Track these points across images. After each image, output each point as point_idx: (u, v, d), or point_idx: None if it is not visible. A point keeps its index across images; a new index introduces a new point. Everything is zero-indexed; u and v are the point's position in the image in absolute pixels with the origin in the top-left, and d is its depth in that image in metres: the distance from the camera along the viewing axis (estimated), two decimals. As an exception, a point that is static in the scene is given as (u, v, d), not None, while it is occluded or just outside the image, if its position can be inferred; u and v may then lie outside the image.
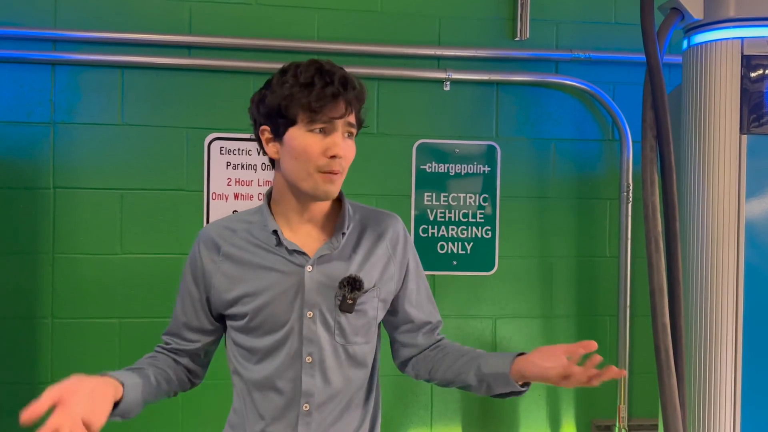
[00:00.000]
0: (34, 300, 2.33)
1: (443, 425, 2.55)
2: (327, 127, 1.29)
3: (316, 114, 1.27)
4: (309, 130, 1.29)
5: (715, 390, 1.80)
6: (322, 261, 1.36)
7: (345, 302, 1.34)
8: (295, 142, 1.30)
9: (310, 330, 1.34)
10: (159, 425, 2.38)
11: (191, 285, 1.43)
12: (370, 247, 1.41)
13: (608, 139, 2.61)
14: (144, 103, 2.38)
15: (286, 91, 1.29)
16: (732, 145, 1.80)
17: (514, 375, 1.36)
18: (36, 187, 2.33)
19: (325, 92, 1.27)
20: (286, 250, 1.35)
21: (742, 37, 1.80)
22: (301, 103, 1.27)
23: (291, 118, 1.29)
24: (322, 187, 1.31)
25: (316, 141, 1.29)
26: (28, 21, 2.32)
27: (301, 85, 1.28)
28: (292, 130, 1.30)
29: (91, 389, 1.17)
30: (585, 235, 2.60)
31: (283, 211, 1.38)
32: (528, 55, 2.56)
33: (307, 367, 1.34)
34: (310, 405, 1.35)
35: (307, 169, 1.30)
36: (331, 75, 1.29)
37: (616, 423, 2.56)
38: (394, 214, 1.47)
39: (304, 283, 1.34)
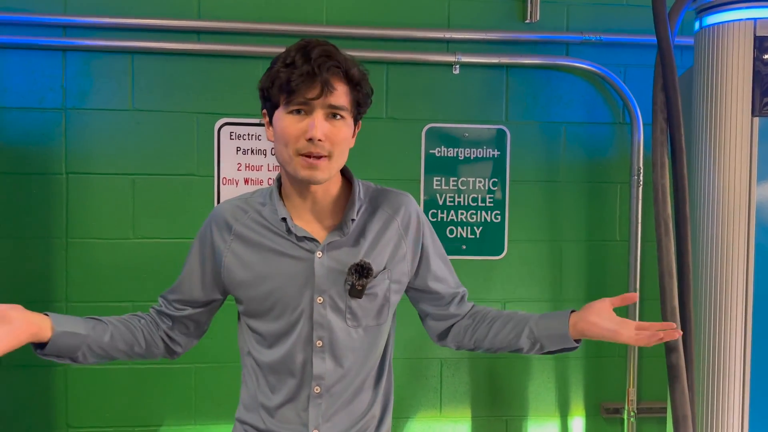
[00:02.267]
0: (48, 284, 2.36)
1: (452, 408, 2.57)
2: (305, 108, 1.26)
3: (291, 95, 1.24)
4: (288, 111, 1.27)
5: (724, 372, 1.80)
6: (331, 247, 1.35)
7: (354, 288, 1.34)
8: (278, 124, 1.29)
9: (320, 315, 1.35)
10: (172, 406, 2.42)
11: (195, 260, 1.42)
12: (380, 229, 1.39)
13: (619, 122, 2.59)
14: (154, 88, 2.39)
15: (273, 74, 1.27)
16: (744, 127, 1.79)
17: (573, 334, 1.40)
18: (48, 172, 2.35)
19: (299, 71, 1.23)
20: (295, 236, 1.35)
21: (754, 18, 1.78)
22: (280, 85, 1.25)
23: (274, 100, 1.28)
24: (302, 172, 1.28)
25: (293, 123, 1.26)
26: (39, 7, 2.32)
27: (283, 65, 1.26)
28: (276, 113, 1.29)
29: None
30: (595, 219, 2.59)
31: (290, 196, 1.37)
32: (538, 37, 2.54)
33: (317, 350, 1.35)
34: (320, 387, 1.36)
35: (288, 153, 1.28)
36: (309, 54, 1.24)
37: (625, 406, 2.57)
38: (407, 194, 1.45)
39: (314, 270, 1.34)
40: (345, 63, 1.28)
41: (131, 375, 2.40)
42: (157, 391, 2.41)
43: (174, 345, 1.48)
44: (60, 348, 1.31)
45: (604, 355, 2.61)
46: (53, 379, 2.37)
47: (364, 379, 1.41)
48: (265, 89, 1.30)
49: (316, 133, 1.24)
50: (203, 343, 2.42)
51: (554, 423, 2.61)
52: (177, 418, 2.43)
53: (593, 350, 2.61)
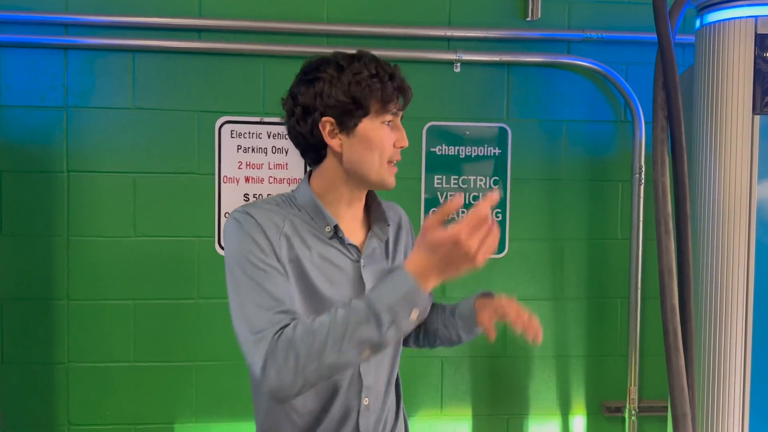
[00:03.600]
0: (50, 282, 2.37)
1: (453, 406, 2.57)
2: (394, 119, 1.33)
3: (386, 104, 1.30)
4: (383, 121, 1.31)
5: (724, 371, 1.79)
6: (370, 255, 1.37)
7: None
8: (371, 133, 1.30)
9: None
10: (173, 404, 2.43)
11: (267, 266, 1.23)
12: (396, 237, 1.46)
13: (621, 121, 2.59)
14: (155, 86, 2.39)
15: (362, 82, 1.28)
16: (744, 125, 1.78)
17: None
18: (50, 170, 2.36)
19: (394, 85, 1.30)
20: (341, 244, 1.34)
21: (755, 15, 1.77)
22: (377, 95, 1.29)
23: (366, 108, 1.29)
24: (389, 179, 1.33)
25: (387, 132, 1.32)
26: (41, 6, 2.33)
27: (370, 75, 1.29)
28: (366, 122, 1.30)
29: None
30: (596, 217, 2.59)
31: (333, 203, 1.36)
32: (540, 35, 2.53)
33: (364, 361, 1.29)
34: (369, 399, 1.36)
35: (380, 160, 1.31)
36: (391, 68, 1.33)
37: (626, 404, 2.56)
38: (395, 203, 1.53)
39: (363, 279, 1.34)
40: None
41: (132, 372, 2.41)
42: (159, 388, 2.42)
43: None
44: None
45: (605, 353, 2.61)
46: (55, 377, 2.38)
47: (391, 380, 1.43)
48: (356, 97, 1.28)
49: (406, 141, 1.34)
50: (204, 340, 2.44)
51: (555, 421, 2.61)
52: (178, 416, 2.43)
53: (595, 349, 2.61)
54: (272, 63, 2.43)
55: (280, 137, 2.45)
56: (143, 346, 2.41)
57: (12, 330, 2.37)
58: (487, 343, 2.55)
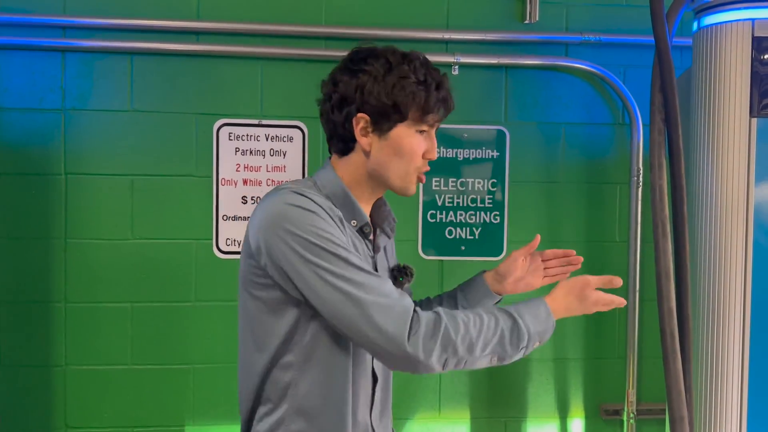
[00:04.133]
0: (48, 285, 2.37)
1: (451, 408, 2.56)
2: (429, 129, 1.31)
3: (426, 114, 1.28)
4: (418, 130, 1.29)
5: (721, 374, 1.79)
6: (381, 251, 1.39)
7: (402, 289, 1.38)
8: (404, 140, 1.28)
9: None
10: (170, 407, 2.42)
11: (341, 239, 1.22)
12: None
13: (618, 123, 2.59)
14: (153, 89, 2.39)
15: (407, 87, 1.25)
16: (742, 128, 1.78)
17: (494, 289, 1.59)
18: (48, 173, 2.36)
19: (439, 95, 1.28)
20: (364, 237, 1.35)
21: (752, 18, 1.77)
22: (419, 103, 1.26)
23: (404, 114, 1.27)
24: (412, 188, 1.32)
25: (420, 141, 1.29)
26: (39, 8, 2.33)
27: (417, 81, 1.26)
28: (400, 127, 1.28)
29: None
30: (594, 219, 2.59)
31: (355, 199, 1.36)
32: (537, 38, 2.53)
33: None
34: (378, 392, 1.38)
35: (407, 169, 1.30)
36: (439, 75, 1.31)
37: (624, 407, 2.56)
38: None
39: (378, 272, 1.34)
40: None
41: (130, 375, 2.40)
42: (156, 391, 2.41)
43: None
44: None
45: (603, 356, 2.61)
46: (52, 379, 2.38)
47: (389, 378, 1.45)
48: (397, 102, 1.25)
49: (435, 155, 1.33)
50: (201, 343, 2.44)
51: (553, 424, 2.60)
52: (175, 418, 2.42)
53: (593, 351, 2.61)
54: (270, 65, 2.43)
55: (278, 139, 2.45)
56: (141, 349, 2.41)
57: (9, 332, 2.36)
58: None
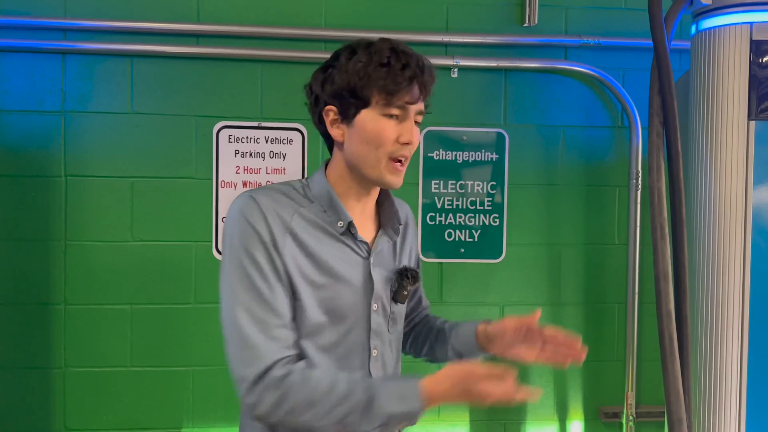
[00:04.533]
0: (47, 287, 2.37)
1: (450, 412, 2.56)
2: (401, 112, 1.23)
3: (392, 97, 1.21)
4: (384, 114, 1.22)
5: (720, 376, 1.80)
6: (379, 253, 1.33)
7: (401, 293, 1.32)
8: (369, 125, 1.23)
9: (376, 323, 1.31)
10: (170, 409, 2.42)
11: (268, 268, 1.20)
12: (402, 237, 1.41)
13: (617, 126, 2.59)
14: (153, 91, 2.40)
15: (361, 71, 1.21)
16: (740, 131, 1.79)
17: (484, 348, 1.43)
18: (48, 175, 2.36)
19: (403, 75, 1.20)
20: (353, 240, 1.29)
21: (750, 21, 1.78)
22: (378, 84, 1.20)
23: (365, 99, 1.22)
24: (388, 177, 1.25)
25: (390, 126, 1.23)
26: (39, 11, 2.34)
27: (377, 64, 1.20)
28: (364, 113, 1.23)
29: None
30: (593, 222, 2.59)
31: (342, 196, 1.30)
32: (537, 41, 2.54)
33: (373, 360, 1.30)
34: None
35: (377, 155, 1.23)
36: (407, 56, 1.22)
37: (623, 410, 2.56)
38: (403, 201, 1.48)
39: (372, 277, 1.30)
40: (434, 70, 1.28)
41: (129, 378, 2.40)
42: (155, 393, 2.42)
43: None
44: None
45: (602, 359, 2.61)
46: (51, 382, 2.38)
47: None
48: (355, 86, 1.22)
49: (414, 137, 1.24)
50: (201, 345, 2.44)
51: (553, 427, 2.60)
52: (174, 421, 2.42)
53: (592, 354, 2.57)
54: (270, 68, 2.43)
55: (278, 142, 2.46)
56: (140, 351, 2.41)
57: (9, 334, 2.36)
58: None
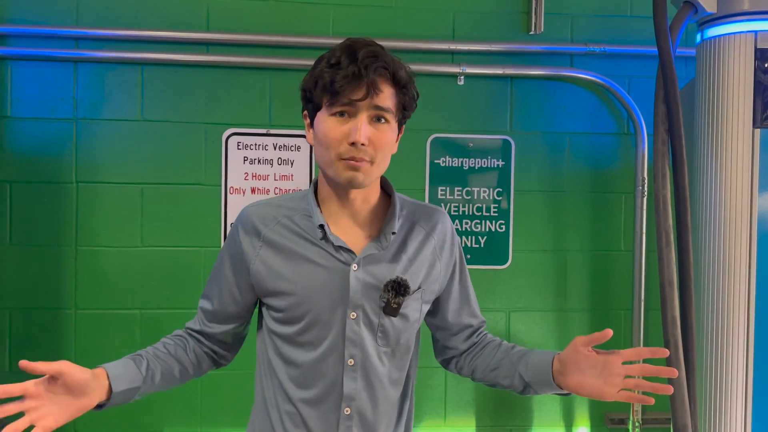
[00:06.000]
0: (58, 291, 2.40)
1: (457, 417, 2.57)
2: (349, 110, 1.20)
3: (335, 96, 1.19)
4: (331, 114, 1.21)
5: (726, 383, 1.80)
6: (368, 260, 1.27)
7: (389, 306, 1.27)
8: (319, 126, 1.23)
9: (353, 331, 1.27)
10: (178, 412, 2.44)
11: (228, 270, 1.34)
12: (418, 247, 1.33)
13: (623, 133, 2.61)
14: (163, 99, 2.43)
15: (316, 74, 1.22)
16: (745, 139, 1.80)
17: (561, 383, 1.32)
18: (59, 181, 2.39)
19: (346, 72, 1.17)
20: (331, 246, 1.27)
21: (755, 30, 1.79)
22: (324, 85, 1.19)
23: (316, 102, 1.23)
24: (344, 174, 1.21)
25: (336, 125, 1.20)
26: (52, 20, 2.37)
27: (329, 65, 1.20)
28: (318, 115, 1.23)
29: (68, 395, 1.20)
30: (599, 229, 2.60)
31: (326, 201, 1.30)
32: (542, 48, 2.56)
33: (349, 369, 1.27)
34: (351, 409, 1.29)
35: (329, 155, 1.22)
36: (355, 55, 1.18)
37: (630, 416, 2.56)
38: (442, 210, 1.39)
39: (349, 283, 1.26)
40: (392, 64, 1.21)
41: (138, 382, 2.43)
42: (163, 396, 2.42)
43: (220, 359, 1.43)
44: (116, 402, 1.28)
45: (608, 365, 2.61)
46: (62, 386, 2.40)
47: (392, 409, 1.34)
48: (308, 90, 1.24)
49: (359, 136, 1.18)
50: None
51: (559, 433, 2.61)
52: (182, 424, 2.44)
53: (598, 360, 2.61)
54: (279, 76, 2.46)
55: (286, 149, 2.48)
56: (148, 356, 2.43)
57: (20, 339, 2.39)
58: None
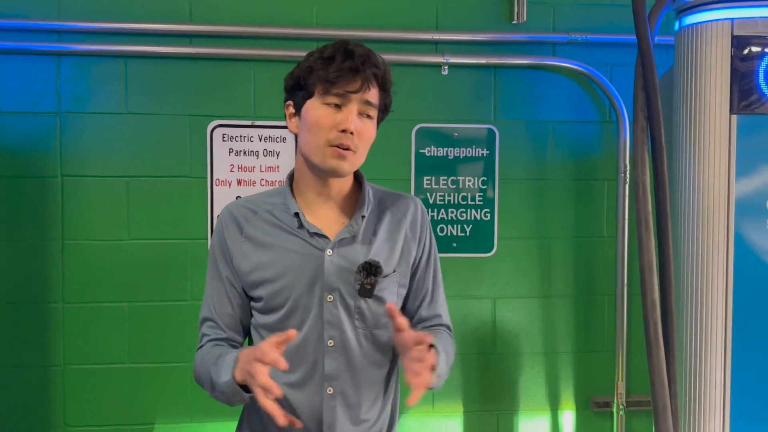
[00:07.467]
0: (45, 285, 2.40)
1: (444, 403, 2.61)
2: (342, 101, 1.29)
3: (331, 86, 1.28)
4: (324, 102, 1.30)
5: (705, 364, 1.84)
6: (342, 244, 1.35)
7: (363, 287, 1.33)
8: (310, 113, 1.31)
9: (330, 313, 1.34)
10: (168, 404, 2.46)
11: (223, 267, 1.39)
12: (390, 231, 1.40)
13: (605, 121, 2.64)
14: (147, 91, 2.43)
15: (308, 65, 1.32)
16: (722, 124, 1.83)
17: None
18: (44, 175, 2.39)
19: (343, 66, 1.28)
20: (307, 233, 1.35)
21: (732, 18, 1.82)
22: (319, 75, 1.29)
23: (309, 90, 1.31)
24: (330, 162, 1.30)
25: (329, 114, 1.30)
26: (34, 13, 2.36)
27: (323, 59, 1.30)
28: (308, 103, 1.32)
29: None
30: (583, 215, 2.63)
31: (303, 191, 1.38)
32: (525, 38, 2.58)
33: (329, 350, 1.34)
34: (333, 389, 1.35)
35: (317, 142, 1.30)
36: (352, 52, 1.30)
37: (614, 399, 2.61)
38: (414, 197, 1.47)
39: (324, 267, 1.33)
40: (383, 66, 1.33)
41: (128, 374, 2.44)
42: (154, 389, 2.45)
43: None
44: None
45: (593, 349, 2.65)
46: (51, 379, 2.41)
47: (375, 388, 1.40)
48: (301, 78, 1.32)
49: (351, 125, 1.28)
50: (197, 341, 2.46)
51: (544, 417, 2.65)
52: (173, 416, 2.46)
53: (582, 345, 2.65)
54: (263, 67, 2.46)
55: (272, 140, 2.49)
56: (138, 348, 2.44)
57: (8, 333, 2.39)
58: (478, 340, 2.60)
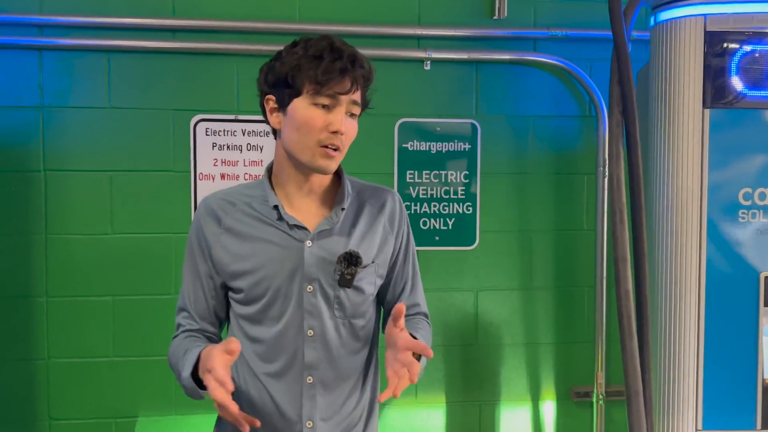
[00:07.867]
0: (29, 280, 2.40)
1: (427, 394, 2.64)
2: (331, 102, 1.30)
3: (321, 87, 1.28)
4: (313, 103, 1.30)
5: (679, 352, 1.89)
6: (321, 236, 1.37)
7: (343, 277, 1.36)
8: (298, 113, 1.31)
9: (310, 303, 1.36)
10: (151, 397, 2.47)
11: (199, 260, 1.41)
12: (369, 223, 1.42)
13: (585, 116, 2.67)
14: (130, 86, 2.43)
15: (295, 62, 1.30)
16: (695, 119, 1.87)
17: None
18: (27, 170, 2.39)
19: (333, 66, 1.28)
20: (286, 225, 1.37)
21: (705, 14, 1.86)
22: (309, 74, 1.28)
23: (297, 88, 1.30)
24: (320, 161, 1.32)
25: (319, 115, 1.30)
26: (15, 7, 2.36)
27: (310, 57, 1.29)
28: (296, 101, 1.31)
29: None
30: (563, 209, 2.67)
31: (283, 184, 1.39)
32: (506, 33, 2.60)
33: (308, 340, 1.36)
34: (313, 378, 1.37)
35: (307, 142, 1.31)
36: (340, 51, 1.30)
37: (594, 389, 2.65)
38: (392, 189, 1.50)
39: (304, 258, 1.35)
40: (368, 65, 1.35)
41: (111, 367, 2.45)
42: (137, 382, 2.46)
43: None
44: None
45: (573, 340, 2.69)
46: (35, 372, 2.42)
47: (354, 377, 1.42)
48: (288, 76, 1.31)
49: (342, 127, 1.30)
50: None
51: (526, 407, 2.69)
52: (156, 409, 2.47)
53: (563, 336, 2.69)
54: (245, 62, 2.48)
55: (255, 134, 2.50)
56: (122, 341, 2.45)
57: (-9, 327, 2.40)
58: (460, 332, 2.63)
